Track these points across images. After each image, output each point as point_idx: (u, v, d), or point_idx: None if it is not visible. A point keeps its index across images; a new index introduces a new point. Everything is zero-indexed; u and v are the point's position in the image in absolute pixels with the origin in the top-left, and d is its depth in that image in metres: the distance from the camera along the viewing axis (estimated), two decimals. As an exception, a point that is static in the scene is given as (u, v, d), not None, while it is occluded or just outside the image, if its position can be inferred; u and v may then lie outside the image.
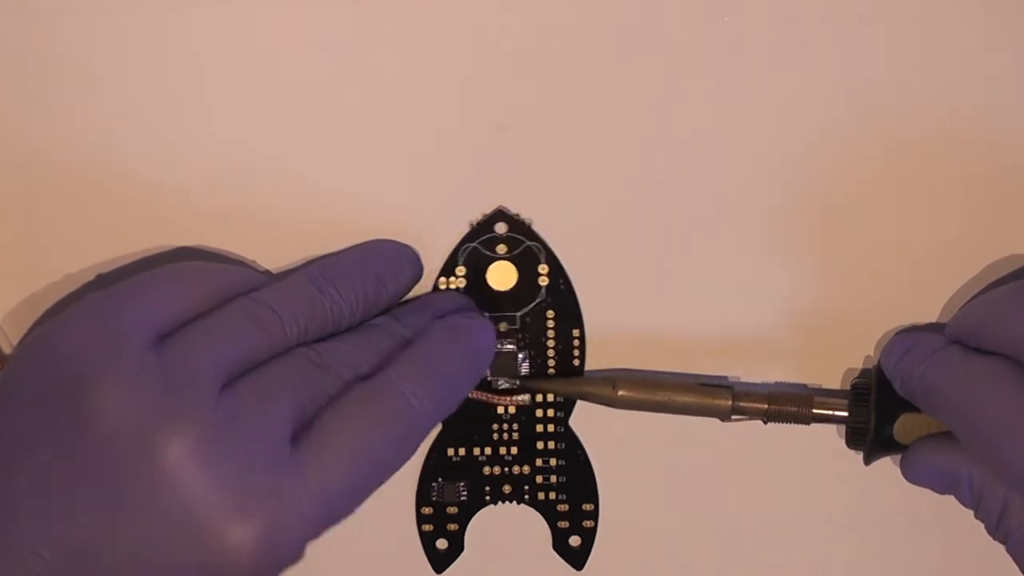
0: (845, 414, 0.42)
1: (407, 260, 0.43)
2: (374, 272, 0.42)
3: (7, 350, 0.43)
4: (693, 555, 0.44)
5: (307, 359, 0.39)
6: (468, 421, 0.44)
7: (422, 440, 0.40)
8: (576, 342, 0.43)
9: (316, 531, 0.38)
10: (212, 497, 0.37)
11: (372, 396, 0.39)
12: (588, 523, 0.44)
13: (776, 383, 0.43)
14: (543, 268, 0.43)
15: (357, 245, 0.43)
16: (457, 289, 0.43)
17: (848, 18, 0.43)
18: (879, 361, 0.42)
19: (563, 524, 0.44)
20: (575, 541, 0.44)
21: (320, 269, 0.41)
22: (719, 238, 0.43)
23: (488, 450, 0.44)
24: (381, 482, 0.39)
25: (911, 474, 0.42)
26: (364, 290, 0.41)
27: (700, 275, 0.43)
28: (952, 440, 0.40)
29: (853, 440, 0.42)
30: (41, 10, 0.43)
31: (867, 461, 0.42)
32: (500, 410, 0.44)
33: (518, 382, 0.44)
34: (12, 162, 0.43)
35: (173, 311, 0.39)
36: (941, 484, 0.41)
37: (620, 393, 0.42)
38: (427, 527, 0.44)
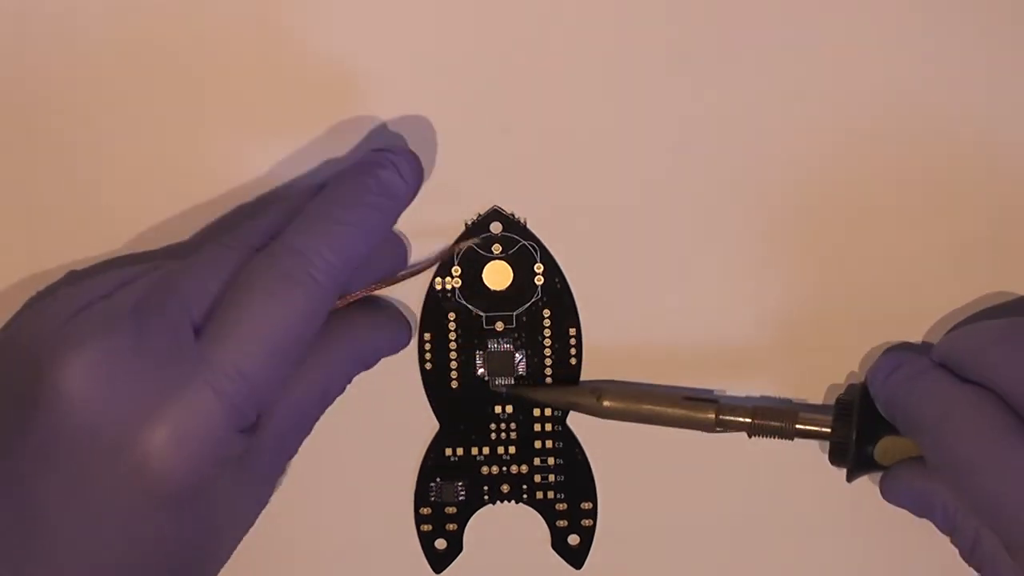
0: (828, 431, 0.42)
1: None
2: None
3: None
4: (691, 553, 0.44)
5: (209, 246, 0.39)
6: (466, 421, 0.44)
7: (330, 295, 0.38)
8: (572, 340, 0.44)
9: (241, 412, 0.37)
10: (115, 410, 0.36)
11: (266, 263, 0.38)
12: (587, 522, 0.44)
13: (762, 397, 0.43)
14: (538, 267, 0.43)
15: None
16: (453, 289, 0.43)
17: (842, 29, 0.43)
18: (864, 379, 0.42)
19: (562, 523, 0.44)
20: (574, 540, 0.44)
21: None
22: (714, 237, 0.43)
23: (486, 450, 0.44)
24: (300, 344, 0.38)
25: (889, 495, 0.42)
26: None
27: (695, 273, 0.43)
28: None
29: (835, 457, 0.42)
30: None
31: (849, 479, 0.42)
32: (498, 410, 0.44)
33: (513, 381, 0.44)
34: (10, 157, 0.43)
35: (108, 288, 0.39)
36: (917, 508, 0.41)
37: (605, 404, 0.42)
38: (426, 527, 0.44)
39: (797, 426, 0.42)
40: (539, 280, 0.43)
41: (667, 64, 0.43)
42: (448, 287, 0.43)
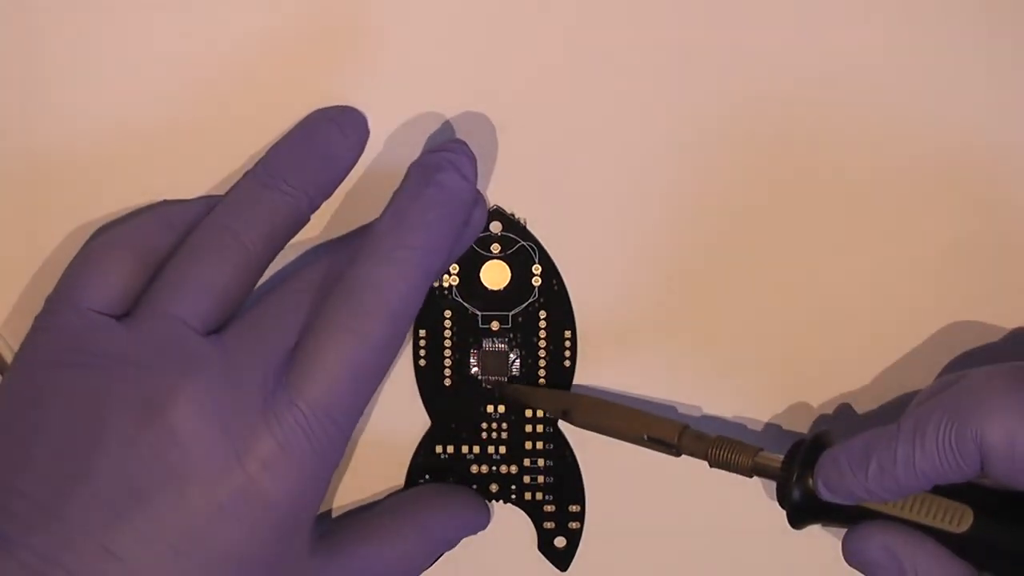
0: (779, 471, 0.40)
1: (350, 124, 0.42)
2: (319, 147, 0.41)
3: (7, 356, 0.42)
4: (678, 558, 0.44)
5: (287, 286, 0.40)
6: (457, 419, 0.44)
7: (410, 318, 0.39)
8: (568, 343, 0.44)
9: (327, 447, 0.39)
10: (220, 445, 0.38)
11: (344, 300, 0.39)
12: (574, 524, 0.44)
13: (736, 420, 0.43)
14: (536, 268, 0.43)
15: (295, 126, 0.42)
16: (450, 287, 0.43)
17: (843, 31, 0.43)
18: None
19: (549, 525, 0.44)
20: (560, 542, 0.44)
21: (263, 166, 0.41)
22: (714, 241, 0.43)
23: (476, 448, 0.44)
24: (381, 374, 0.39)
25: (851, 556, 0.40)
26: (315, 169, 0.41)
27: (696, 277, 0.43)
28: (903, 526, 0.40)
29: (780, 498, 0.41)
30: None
31: (793, 524, 0.41)
32: (490, 409, 0.44)
33: (506, 381, 0.44)
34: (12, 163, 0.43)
35: (117, 282, 0.40)
36: (887, 568, 0.40)
37: (573, 421, 0.42)
38: (413, 524, 0.44)
39: (754, 462, 0.41)
40: (536, 281, 0.43)
41: (668, 64, 0.43)
42: (445, 284, 0.43)
